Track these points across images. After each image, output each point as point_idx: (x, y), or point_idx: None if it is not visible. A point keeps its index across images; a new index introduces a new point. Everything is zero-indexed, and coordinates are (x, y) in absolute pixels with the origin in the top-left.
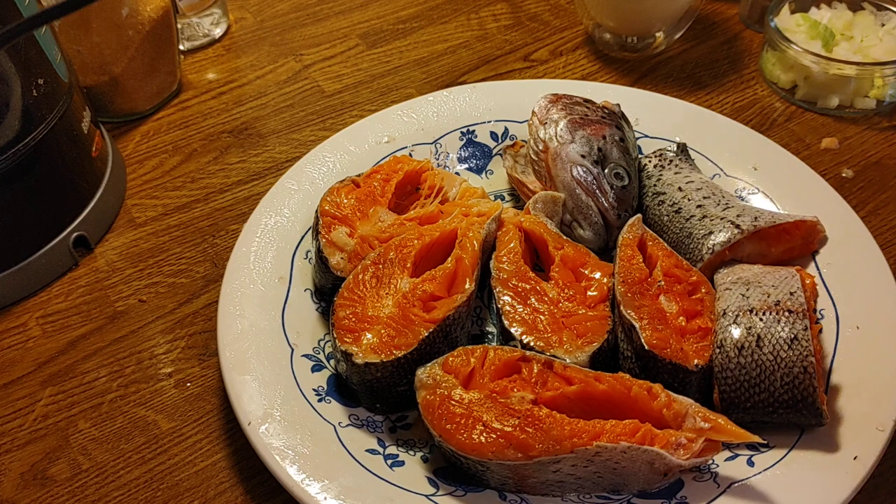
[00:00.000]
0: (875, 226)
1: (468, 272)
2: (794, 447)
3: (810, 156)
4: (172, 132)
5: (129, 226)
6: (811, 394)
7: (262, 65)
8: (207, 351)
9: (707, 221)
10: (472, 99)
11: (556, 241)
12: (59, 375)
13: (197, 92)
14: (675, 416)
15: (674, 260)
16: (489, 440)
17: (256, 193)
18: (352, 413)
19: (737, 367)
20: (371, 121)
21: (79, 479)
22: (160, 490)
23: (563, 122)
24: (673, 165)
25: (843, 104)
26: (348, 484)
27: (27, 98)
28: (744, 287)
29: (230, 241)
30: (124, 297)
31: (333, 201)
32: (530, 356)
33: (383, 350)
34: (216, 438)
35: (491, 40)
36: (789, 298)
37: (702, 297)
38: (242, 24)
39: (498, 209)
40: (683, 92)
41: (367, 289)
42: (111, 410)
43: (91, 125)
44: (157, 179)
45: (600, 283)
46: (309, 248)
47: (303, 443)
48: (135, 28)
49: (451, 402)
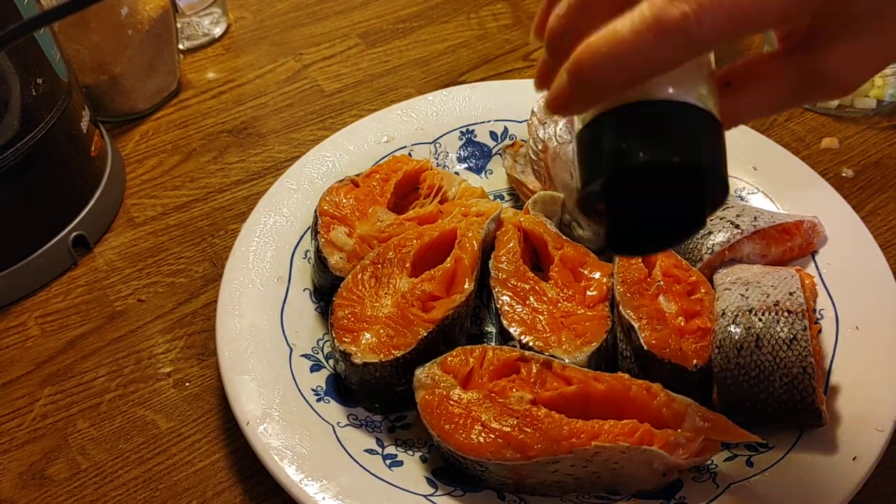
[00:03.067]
0: (875, 226)
1: (467, 272)
2: (793, 447)
3: (810, 155)
4: (172, 132)
5: (128, 225)
6: (810, 394)
7: (262, 64)
8: (206, 351)
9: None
10: (471, 98)
11: (556, 240)
12: (57, 375)
13: (196, 91)
14: (675, 416)
15: (673, 260)
16: (488, 440)
17: (256, 193)
18: (350, 413)
19: (736, 367)
20: (370, 120)
21: (77, 479)
22: (159, 490)
23: (562, 121)
24: None
25: (843, 104)
26: (347, 484)
27: (26, 97)
28: (743, 287)
29: (229, 240)
30: (123, 296)
31: (332, 201)
32: (529, 356)
33: (382, 350)
34: (215, 438)
35: (491, 40)
36: (789, 299)
37: (701, 298)
38: (242, 23)
39: (497, 209)
40: None
41: (365, 289)
42: (110, 410)
43: (90, 124)
44: (157, 179)
45: (599, 283)
46: (308, 247)
47: (301, 442)
48: (134, 27)
49: (450, 402)
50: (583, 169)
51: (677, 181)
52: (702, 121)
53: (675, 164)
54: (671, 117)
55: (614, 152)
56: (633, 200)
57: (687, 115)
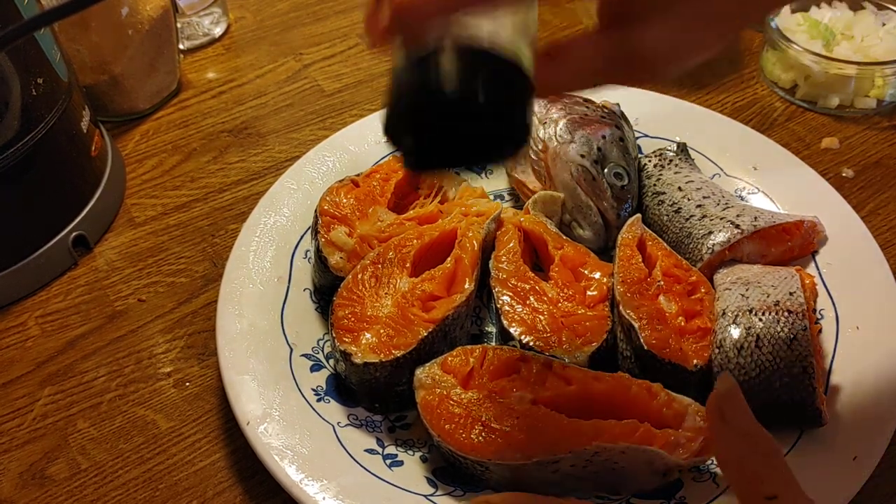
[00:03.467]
0: (875, 226)
1: (468, 272)
2: (793, 447)
3: (810, 155)
4: (172, 131)
5: (128, 225)
6: (811, 394)
7: (262, 64)
8: (206, 350)
9: (707, 221)
10: None
11: (556, 240)
12: (57, 375)
13: (196, 91)
14: (675, 416)
15: (673, 260)
16: (488, 440)
17: (256, 193)
18: (351, 413)
19: (736, 367)
20: (371, 120)
21: (77, 479)
22: (159, 490)
23: (562, 121)
24: (673, 165)
25: (843, 104)
26: (347, 484)
27: (26, 97)
28: (743, 287)
29: (229, 240)
30: (123, 296)
31: (333, 201)
32: (529, 356)
33: (382, 350)
34: (215, 438)
35: None
36: (789, 298)
37: (701, 297)
38: (242, 23)
39: (497, 209)
40: (683, 91)
41: (366, 288)
42: (110, 410)
43: (90, 124)
44: (157, 179)
45: (600, 282)
46: (308, 247)
47: (301, 442)
48: (134, 27)
49: (450, 402)
50: (392, 96)
51: (482, 115)
52: (512, 74)
53: (476, 100)
54: (486, 62)
55: (421, 83)
56: (437, 129)
57: (500, 66)
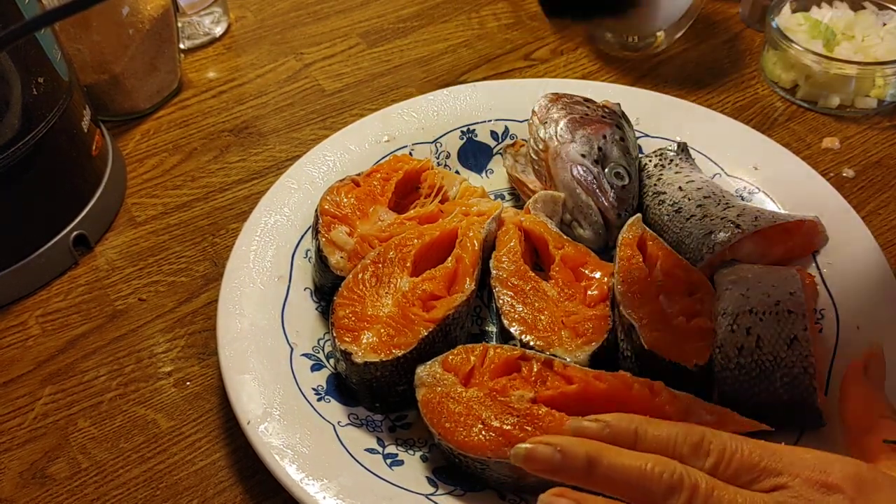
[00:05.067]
0: (876, 226)
1: (468, 271)
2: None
3: (811, 155)
4: (173, 131)
5: (128, 224)
6: (811, 394)
7: (263, 63)
8: (207, 350)
9: (707, 221)
10: (472, 98)
11: (556, 240)
12: (58, 374)
13: (197, 91)
14: (678, 412)
15: (674, 259)
16: (488, 438)
17: (256, 192)
18: (351, 412)
19: (736, 367)
20: (371, 120)
21: (78, 478)
22: (159, 489)
23: (563, 121)
24: (673, 165)
25: (843, 104)
26: (347, 483)
27: (27, 97)
28: (744, 287)
29: (230, 239)
30: (124, 295)
31: (333, 200)
32: (530, 355)
33: (383, 349)
34: (215, 437)
35: (491, 39)
36: (789, 298)
37: (702, 297)
38: (243, 22)
39: (498, 208)
40: (684, 91)
41: (366, 288)
42: (110, 409)
43: (91, 124)
44: (157, 178)
45: (600, 282)
46: (309, 247)
47: (302, 442)
48: (135, 26)
49: (451, 400)
50: None
51: None
52: None
53: None
54: None
55: None
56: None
57: None
